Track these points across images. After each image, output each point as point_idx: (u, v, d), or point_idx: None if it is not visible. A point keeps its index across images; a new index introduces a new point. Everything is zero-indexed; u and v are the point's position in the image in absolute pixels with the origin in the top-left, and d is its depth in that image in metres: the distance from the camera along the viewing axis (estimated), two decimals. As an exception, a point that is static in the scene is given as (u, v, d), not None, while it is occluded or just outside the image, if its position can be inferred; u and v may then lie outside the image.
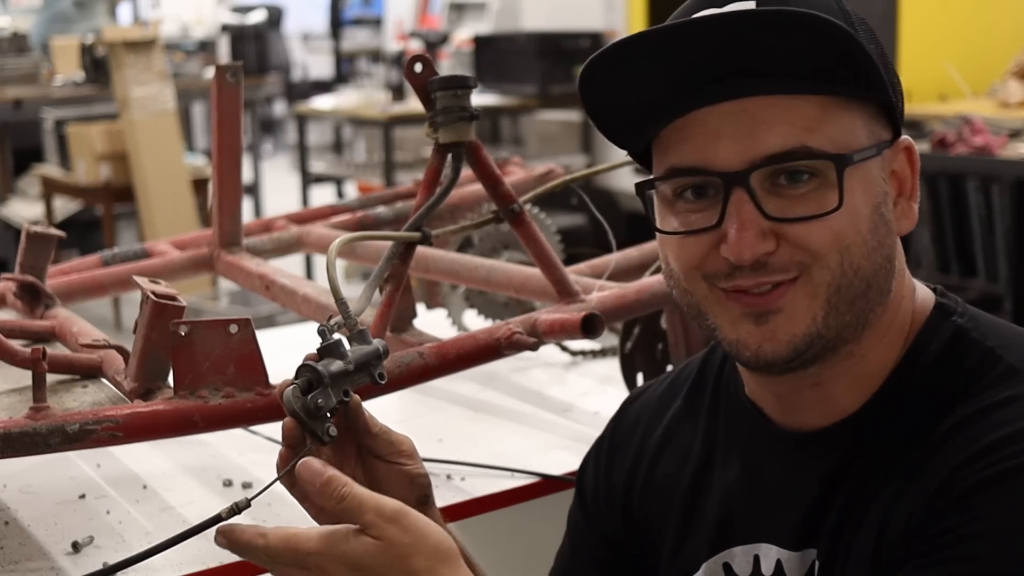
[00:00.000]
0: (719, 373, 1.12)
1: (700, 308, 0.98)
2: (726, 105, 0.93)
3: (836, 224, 0.92)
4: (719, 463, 1.08)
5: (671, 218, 0.98)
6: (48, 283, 1.69)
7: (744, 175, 0.92)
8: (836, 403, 0.99)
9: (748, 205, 0.92)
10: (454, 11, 7.62)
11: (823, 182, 0.92)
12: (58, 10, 8.66)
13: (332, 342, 1.03)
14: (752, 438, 1.05)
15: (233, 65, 1.74)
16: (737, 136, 0.92)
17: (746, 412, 1.06)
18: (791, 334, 0.94)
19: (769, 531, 1.02)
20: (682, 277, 0.98)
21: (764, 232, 0.92)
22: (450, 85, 1.40)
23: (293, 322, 3.36)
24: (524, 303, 1.87)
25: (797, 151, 0.92)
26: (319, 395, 1.00)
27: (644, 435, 1.16)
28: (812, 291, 0.93)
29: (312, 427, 1.01)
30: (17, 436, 1.23)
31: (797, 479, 1.00)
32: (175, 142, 5.82)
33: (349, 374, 1.02)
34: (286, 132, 11.56)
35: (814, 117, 0.92)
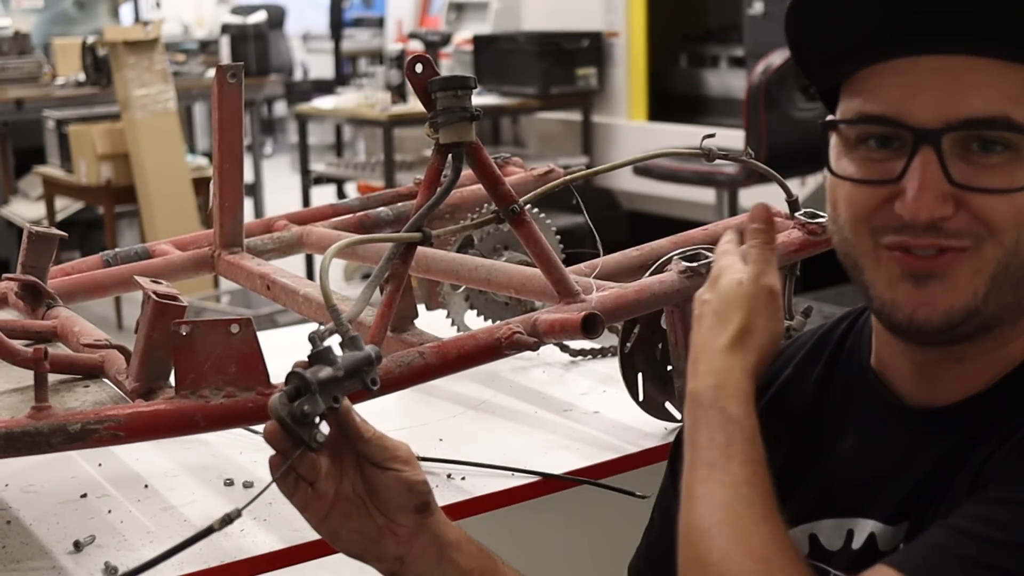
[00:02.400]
0: (838, 346, 1.09)
1: (858, 262, 0.95)
2: (931, 59, 0.89)
3: (1021, 202, 0.89)
4: (826, 435, 1.05)
5: (848, 163, 0.94)
6: (49, 283, 1.69)
7: (937, 134, 0.89)
8: (970, 380, 0.97)
9: (934, 165, 0.89)
10: (454, 11, 7.62)
11: (1016, 157, 0.89)
12: (60, 10, 8.67)
13: (321, 349, 1.03)
14: (871, 412, 1.02)
15: (234, 65, 1.74)
16: (938, 93, 0.89)
17: (869, 385, 1.03)
18: (949, 303, 0.91)
19: (872, 506, 0.99)
20: (848, 226, 0.95)
21: (944, 196, 0.89)
22: (451, 85, 1.40)
23: (294, 322, 3.36)
24: (524, 303, 1.88)
25: (999, 120, 0.88)
26: (306, 401, 1.00)
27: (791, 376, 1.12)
28: (979, 265, 0.90)
29: (298, 433, 1.01)
30: (19, 436, 1.24)
31: (913, 455, 0.97)
32: (176, 142, 5.83)
33: (339, 380, 1.02)
34: (287, 132, 11.55)
35: (1021, 87, 0.89)
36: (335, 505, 1.06)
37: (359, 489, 1.06)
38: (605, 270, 1.66)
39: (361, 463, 1.05)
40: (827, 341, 1.11)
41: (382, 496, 1.05)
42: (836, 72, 0.96)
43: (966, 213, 0.90)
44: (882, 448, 1.00)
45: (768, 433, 1.07)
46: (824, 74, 0.98)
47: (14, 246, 5.80)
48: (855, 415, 1.04)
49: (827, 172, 0.98)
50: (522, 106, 6.26)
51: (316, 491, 1.05)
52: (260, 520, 1.39)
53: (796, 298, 1.69)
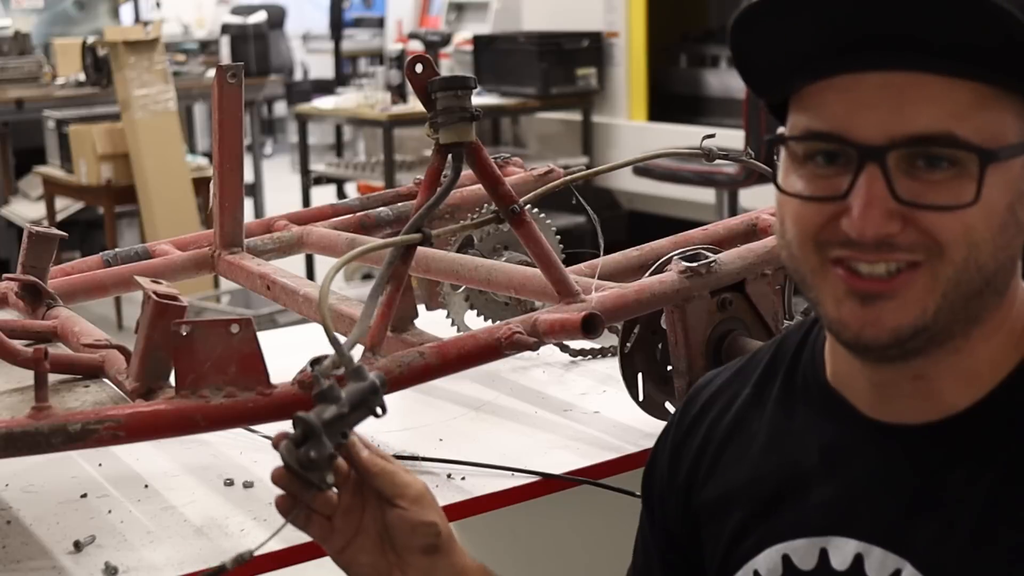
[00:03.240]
0: (793, 361, 1.08)
1: (806, 279, 0.95)
2: (875, 75, 0.89)
3: (969, 218, 0.88)
4: (789, 453, 1.03)
5: (795, 179, 0.94)
6: (50, 283, 1.70)
7: (881, 151, 0.88)
8: (941, 399, 0.95)
9: (879, 182, 0.88)
10: (454, 11, 7.62)
11: (962, 172, 0.88)
12: (60, 10, 8.68)
13: (325, 388, 1.04)
14: (834, 429, 1.01)
15: (234, 65, 1.74)
16: (883, 110, 0.88)
17: (829, 401, 1.02)
18: (897, 322, 0.90)
19: (849, 524, 0.97)
20: (795, 243, 0.94)
21: (891, 213, 0.88)
22: (451, 86, 1.40)
23: (294, 322, 3.36)
24: (524, 303, 1.88)
25: (943, 137, 0.87)
26: (312, 447, 1.01)
27: (712, 423, 1.11)
28: (930, 283, 0.89)
29: (307, 478, 1.02)
30: (19, 436, 1.24)
31: (890, 473, 0.96)
32: (176, 142, 5.83)
33: (344, 416, 1.03)
34: (287, 132, 11.55)
35: (966, 104, 0.88)
36: (354, 539, 1.05)
37: (378, 524, 1.05)
38: (605, 270, 1.67)
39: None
40: (782, 357, 1.10)
41: (392, 534, 1.05)
42: (781, 87, 0.96)
43: (914, 229, 0.89)
44: (851, 466, 0.99)
45: (731, 455, 1.07)
46: (770, 89, 0.98)
47: (14, 246, 5.81)
48: (818, 433, 1.02)
49: (775, 189, 0.97)
50: (522, 106, 6.27)
51: (333, 525, 1.05)
52: (260, 520, 1.39)
53: (796, 298, 1.69)
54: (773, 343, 1.13)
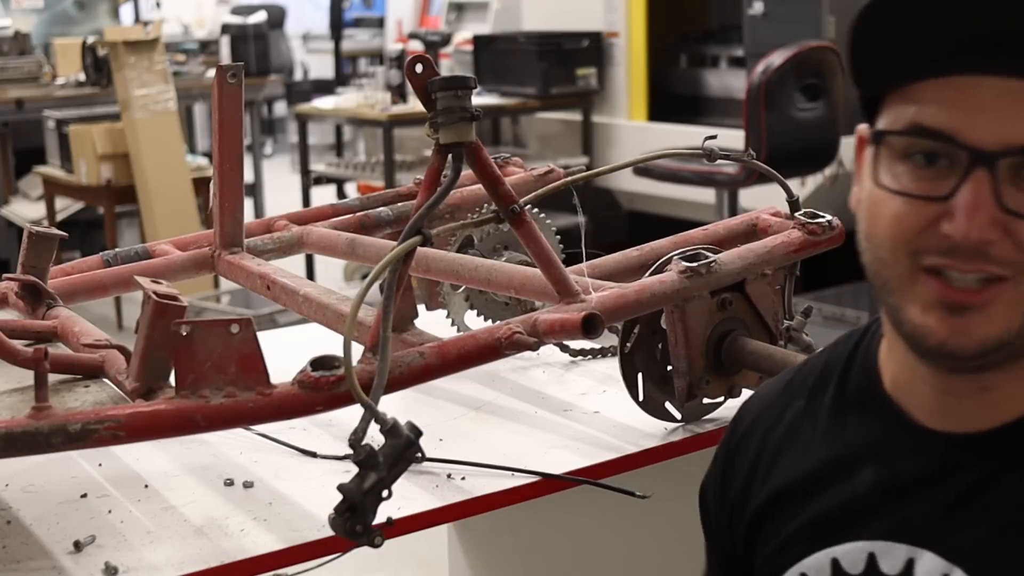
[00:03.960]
0: (845, 370, 1.08)
1: (890, 284, 0.94)
2: (995, 80, 0.88)
3: None
4: (842, 459, 1.03)
5: (891, 177, 0.92)
6: (50, 283, 1.70)
7: (994, 157, 0.87)
8: (1001, 407, 0.96)
9: (987, 188, 0.87)
10: (454, 11, 7.62)
11: None
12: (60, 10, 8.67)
13: (364, 457, 1.13)
14: (891, 436, 1.01)
15: (234, 65, 1.74)
16: (1000, 116, 0.87)
17: (884, 408, 1.02)
18: (984, 334, 0.90)
19: (900, 530, 0.98)
20: (887, 246, 0.93)
21: (995, 220, 0.88)
22: (451, 86, 1.40)
23: (294, 322, 3.36)
24: (524, 303, 1.88)
25: None
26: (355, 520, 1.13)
27: (764, 435, 1.11)
28: (1016, 299, 0.89)
29: (361, 543, 1.14)
30: (19, 436, 1.24)
31: (943, 480, 0.96)
32: (176, 142, 5.83)
33: (384, 479, 1.13)
34: (287, 132, 11.55)
35: None
36: None
37: None
38: (605, 270, 1.67)
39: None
40: (833, 367, 1.10)
41: None
42: (891, 80, 0.94)
43: (1010, 242, 0.88)
44: (906, 473, 0.99)
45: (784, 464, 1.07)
46: (877, 80, 0.96)
47: (14, 246, 5.81)
48: (874, 440, 1.02)
49: (867, 185, 0.95)
50: (522, 106, 6.26)
51: None
52: (260, 520, 1.39)
53: (796, 298, 1.69)
54: (821, 355, 1.12)
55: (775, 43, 4.73)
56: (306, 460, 1.57)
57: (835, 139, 4.63)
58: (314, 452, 1.58)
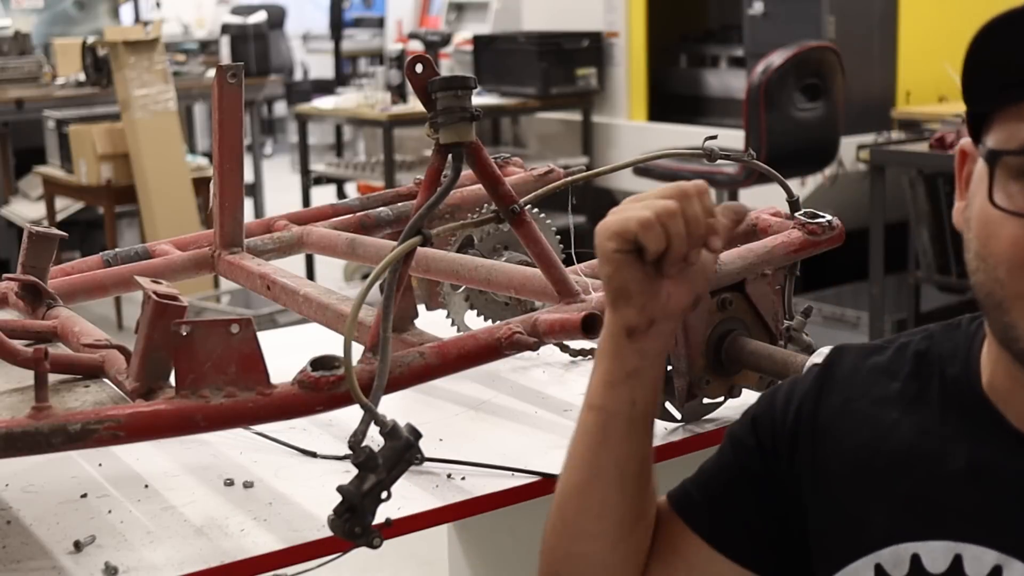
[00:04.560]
0: (944, 368, 1.06)
1: (1004, 303, 0.94)
2: None
3: None
4: (937, 453, 1.02)
5: (1005, 197, 0.92)
6: (50, 283, 1.70)
7: None
8: None
9: None
10: (454, 11, 7.62)
11: None
12: (60, 10, 8.68)
13: (364, 459, 1.14)
14: (986, 437, 1.01)
15: (234, 65, 1.74)
16: None
17: (982, 410, 1.01)
18: None
19: (990, 534, 0.97)
20: (1004, 267, 0.93)
21: None
22: (451, 86, 1.40)
23: (294, 322, 3.36)
24: (524, 303, 1.88)
25: None
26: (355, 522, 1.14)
27: (845, 402, 1.09)
28: None
29: (359, 544, 1.15)
30: (19, 436, 1.24)
31: None
32: (176, 142, 5.83)
33: (383, 481, 1.14)
34: (287, 132, 11.56)
35: None
36: None
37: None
38: (605, 270, 1.66)
39: None
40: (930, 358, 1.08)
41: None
42: (1005, 97, 0.94)
43: None
44: (998, 476, 0.99)
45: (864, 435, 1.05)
46: (989, 96, 0.95)
47: (14, 246, 5.80)
48: (968, 438, 1.02)
49: (979, 203, 0.95)
50: (522, 106, 6.27)
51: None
52: (260, 520, 1.39)
53: (796, 298, 1.69)
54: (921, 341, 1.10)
55: (775, 43, 4.74)
56: (306, 460, 1.57)
57: (835, 139, 4.64)
58: (314, 452, 1.58)
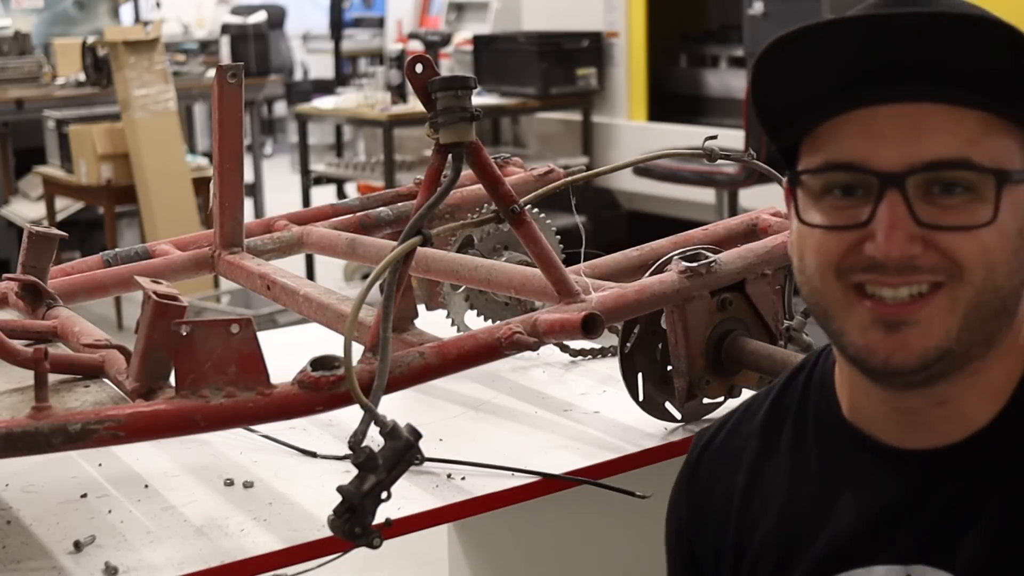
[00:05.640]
0: (800, 405, 1.10)
1: (828, 311, 0.97)
2: (890, 108, 0.93)
3: (986, 239, 0.92)
4: (817, 495, 1.05)
5: (815, 213, 0.97)
6: (50, 283, 1.69)
7: (901, 177, 0.92)
8: (964, 419, 0.98)
9: (901, 207, 0.92)
10: (454, 11, 7.62)
11: (976, 196, 0.92)
12: (60, 10, 8.68)
13: (364, 459, 1.14)
14: (860, 463, 1.03)
15: (234, 65, 1.74)
16: (900, 138, 0.92)
17: (848, 436, 1.04)
18: (923, 346, 0.93)
19: (889, 553, 0.99)
20: (816, 275, 0.97)
21: (913, 236, 0.92)
22: (451, 86, 1.40)
23: (294, 322, 3.36)
24: (524, 303, 1.88)
25: (959, 161, 0.91)
26: (355, 522, 1.14)
27: (727, 485, 1.12)
28: (951, 305, 0.93)
29: (359, 544, 1.16)
30: (19, 436, 1.24)
31: (919, 497, 0.98)
32: (176, 142, 5.83)
33: (383, 481, 1.14)
34: (287, 132, 11.55)
35: (977, 130, 0.92)
36: None
37: None
38: (605, 270, 1.67)
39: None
40: (785, 403, 1.12)
41: None
42: (799, 127, 0.99)
43: (935, 252, 0.92)
44: (883, 496, 1.01)
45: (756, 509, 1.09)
46: (788, 130, 1.00)
47: (14, 246, 5.81)
48: (844, 470, 1.04)
49: (794, 223, 1.00)
50: (522, 106, 6.27)
51: None
52: (260, 520, 1.39)
53: (796, 298, 1.69)
54: (766, 393, 1.15)
55: (775, 43, 4.72)
56: (306, 460, 1.57)
57: (835, 139, 4.63)
58: (314, 452, 1.58)
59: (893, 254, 0.92)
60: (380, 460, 1.14)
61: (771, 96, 1.00)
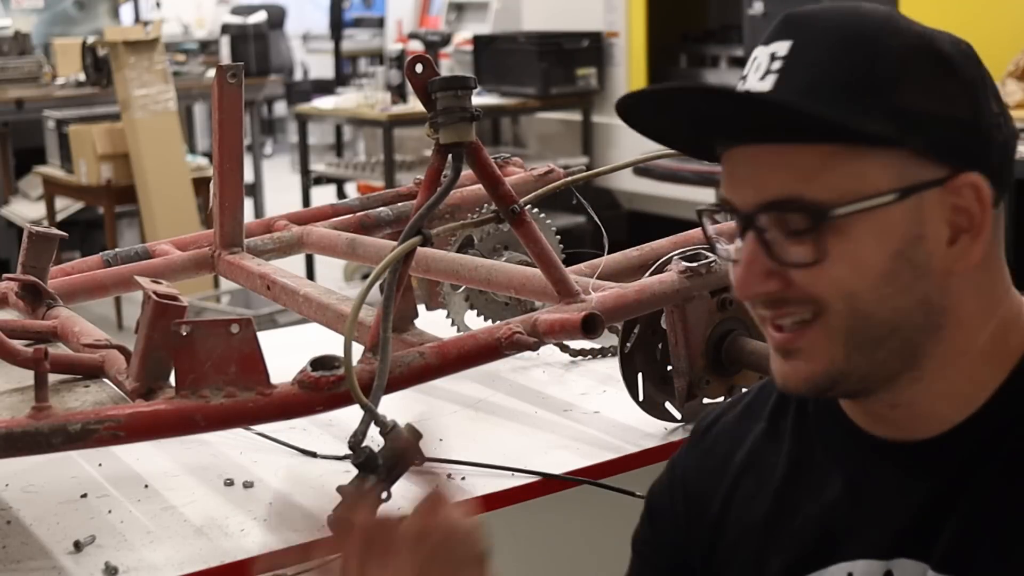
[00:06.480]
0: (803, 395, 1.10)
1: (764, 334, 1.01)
2: (743, 149, 0.96)
3: (833, 272, 0.92)
4: (813, 483, 1.05)
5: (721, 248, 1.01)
6: (50, 283, 1.70)
7: (751, 217, 0.95)
8: (933, 418, 0.98)
9: (754, 244, 0.94)
10: (454, 11, 7.62)
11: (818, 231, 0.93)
12: (60, 10, 8.68)
13: (364, 459, 1.14)
14: (854, 452, 1.03)
15: (234, 65, 1.74)
16: (748, 179, 0.95)
17: (846, 427, 1.04)
18: (809, 373, 0.96)
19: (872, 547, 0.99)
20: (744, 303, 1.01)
21: (769, 273, 0.94)
22: (451, 86, 1.40)
23: (294, 322, 3.36)
24: (524, 303, 1.88)
25: (789, 200, 0.93)
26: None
27: (725, 458, 1.13)
28: (828, 334, 0.94)
29: None
30: (19, 436, 1.24)
31: (901, 491, 0.99)
32: (176, 142, 5.83)
33: (383, 481, 1.14)
34: (287, 132, 11.55)
35: (812, 166, 0.93)
36: None
37: None
38: (605, 270, 1.67)
39: None
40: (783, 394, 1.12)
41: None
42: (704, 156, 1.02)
43: (796, 287, 0.94)
44: (870, 487, 1.02)
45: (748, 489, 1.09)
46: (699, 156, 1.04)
47: (14, 246, 5.80)
48: (840, 458, 1.05)
49: None
50: (522, 106, 6.27)
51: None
52: (260, 520, 1.39)
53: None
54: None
55: (775, 43, 4.72)
56: (306, 460, 1.57)
57: (835, 139, 4.63)
58: (314, 452, 1.58)
59: (746, 292, 0.95)
60: (380, 460, 1.14)
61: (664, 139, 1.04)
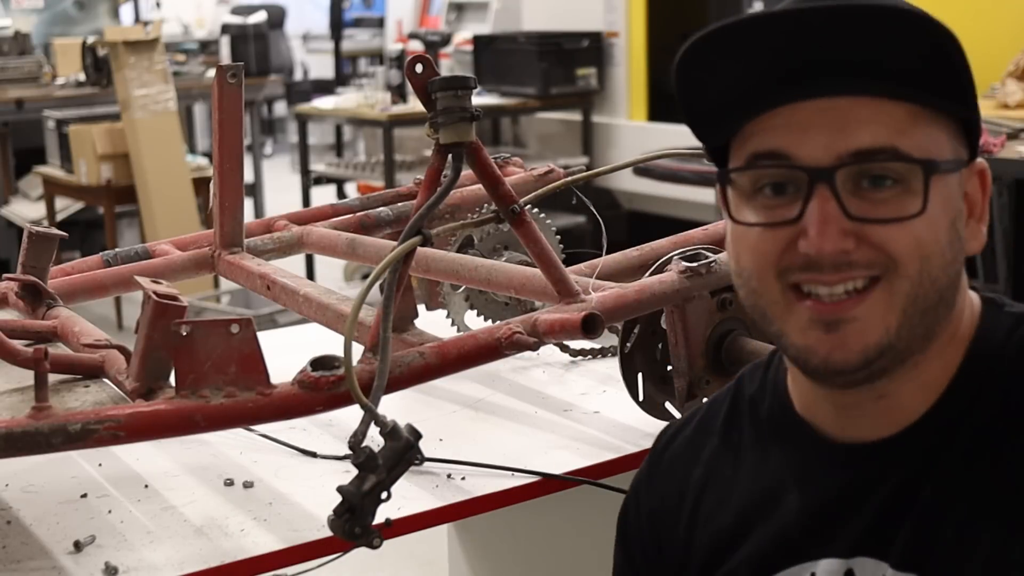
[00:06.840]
0: (754, 404, 1.10)
1: (767, 312, 0.97)
2: (815, 102, 0.92)
3: (918, 230, 0.91)
4: (772, 490, 1.05)
5: (747, 212, 0.96)
6: (50, 283, 1.70)
7: (830, 171, 0.91)
8: (901, 413, 0.98)
9: (831, 202, 0.91)
10: (454, 11, 7.62)
11: (906, 188, 0.92)
12: (60, 10, 8.68)
13: (364, 459, 1.14)
14: (810, 456, 1.03)
15: (234, 65, 1.74)
16: (826, 129, 0.92)
17: (799, 432, 1.04)
18: (863, 343, 0.93)
19: (831, 547, 0.99)
20: (754, 275, 0.96)
21: (845, 231, 0.91)
22: (451, 86, 1.40)
23: (294, 322, 3.36)
24: (524, 303, 1.88)
25: (887, 150, 0.91)
26: (355, 522, 1.14)
27: (683, 478, 1.13)
28: (888, 300, 0.92)
29: (359, 544, 1.16)
30: (19, 436, 1.24)
31: (860, 491, 0.98)
32: (176, 142, 5.83)
33: (383, 481, 1.14)
34: (287, 132, 11.55)
35: (904, 121, 0.92)
36: None
37: None
38: (605, 270, 1.67)
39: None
40: (741, 401, 1.12)
41: None
42: (725, 127, 0.98)
43: (868, 246, 0.92)
44: (826, 489, 1.01)
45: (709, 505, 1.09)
46: (714, 130, 1.00)
47: (14, 246, 5.80)
48: (795, 464, 1.05)
49: (728, 224, 0.99)
50: (522, 106, 6.27)
51: None
52: (260, 520, 1.39)
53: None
54: (727, 392, 1.15)
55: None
56: (306, 460, 1.57)
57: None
58: (314, 452, 1.58)
59: (826, 250, 0.91)
60: (380, 460, 1.14)
61: (696, 97, 0.99)
